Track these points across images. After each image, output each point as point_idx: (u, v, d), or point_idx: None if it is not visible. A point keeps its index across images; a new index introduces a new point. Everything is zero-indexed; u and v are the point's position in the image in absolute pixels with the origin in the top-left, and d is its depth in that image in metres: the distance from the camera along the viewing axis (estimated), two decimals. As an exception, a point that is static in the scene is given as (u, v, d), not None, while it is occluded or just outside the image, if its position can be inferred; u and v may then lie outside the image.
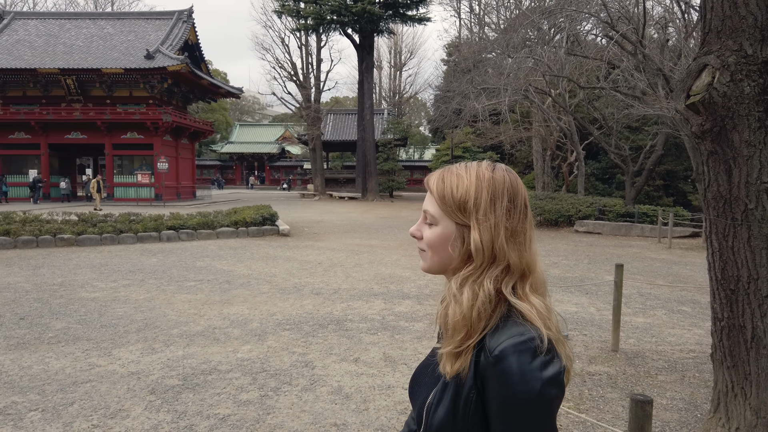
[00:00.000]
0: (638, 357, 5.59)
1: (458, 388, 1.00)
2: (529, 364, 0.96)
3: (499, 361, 0.96)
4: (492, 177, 1.08)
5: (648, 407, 2.15)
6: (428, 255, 1.11)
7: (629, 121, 21.08)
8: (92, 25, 32.79)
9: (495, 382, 0.97)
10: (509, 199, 1.06)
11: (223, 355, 5.39)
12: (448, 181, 1.08)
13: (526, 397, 0.95)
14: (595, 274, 10.43)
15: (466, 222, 1.07)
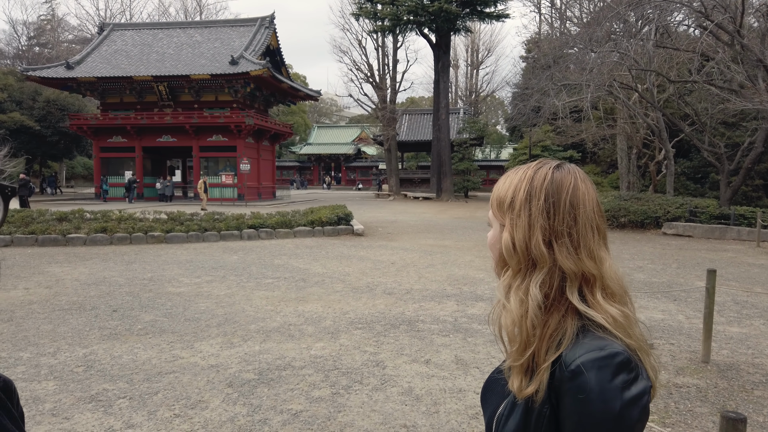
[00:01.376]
0: (732, 369, 5.19)
1: (530, 400, 0.95)
2: (610, 382, 0.89)
3: (575, 376, 0.90)
4: (532, 175, 1.03)
5: (741, 426, 1.96)
6: (493, 256, 1.09)
7: (725, 116, 19.68)
8: (182, 34, 34.65)
9: (570, 399, 0.90)
10: (546, 198, 0.99)
11: (297, 351, 5.51)
12: (500, 182, 1.08)
13: (604, 417, 0.88)
14: (684, 279, 9.80)
15: (502, 221, 1.05)
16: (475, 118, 45.35)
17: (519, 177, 1.04)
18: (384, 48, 42.04)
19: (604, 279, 0.99)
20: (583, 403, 0.89)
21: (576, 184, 1.02)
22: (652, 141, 22.20)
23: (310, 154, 63.10)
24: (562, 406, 0.92)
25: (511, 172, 1.08)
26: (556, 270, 0.98)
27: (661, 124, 19.25)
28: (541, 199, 0.99)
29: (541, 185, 1.00)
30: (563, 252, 0.98)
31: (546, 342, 0.97)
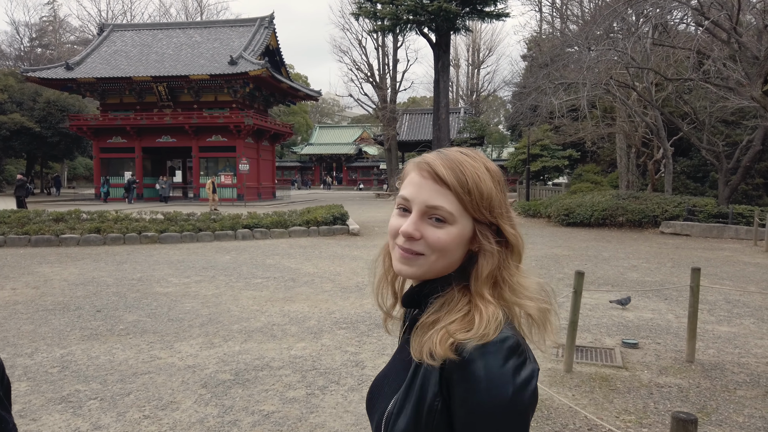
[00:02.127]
0: (716, 369, 5.11)
1: (422, 395, 0.92)
2: (501, 367, 0.87)
3: (466, 364, 0.87)
4: (494, 167, 1.01)
5: (691, 427, 1.90)
6: (430, 259, 0.96)
7: (724, 114, 19.55)
8: (182, 35, 34.67)
9: (462, 387, 0.87)
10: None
11: (277, 351, 5.45)
12: (470, 174, 0.96)
13: (497, 403, 0.86)
14: (678, 278, 9.71)
15: (491, 220, 0.97)
16: (476, 117, 45.30)
17: (485, 167, 0.99)
18: (384, 48, 42.03)
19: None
20: (475, 390, 0.86)
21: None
22: (651, 140, 22.09)
23: (312, 154, 63.11)
24: (453, 397, 0.89)
25: (465, 162, 0.97)
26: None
27: (660, 122, 19.14)
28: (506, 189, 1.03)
29: (501, 176, 1.02)
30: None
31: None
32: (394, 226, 0.99)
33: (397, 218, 0.99)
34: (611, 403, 4.30)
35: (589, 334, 6.21)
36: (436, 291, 0.99)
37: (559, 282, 9.07)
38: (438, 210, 0.95)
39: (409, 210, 0.98)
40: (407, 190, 0.99)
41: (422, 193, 0.96)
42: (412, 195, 0.97)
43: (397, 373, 1.02)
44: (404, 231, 0.95)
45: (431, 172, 0.96)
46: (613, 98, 20.26)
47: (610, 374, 4.93)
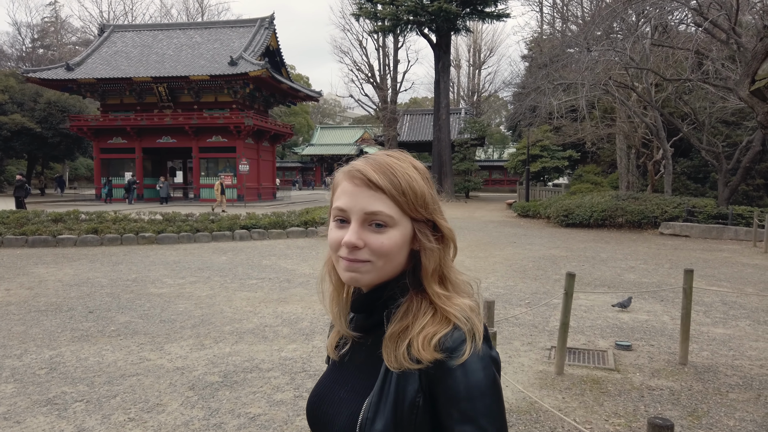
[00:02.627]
0: (709, 371, 5.07)
1: (400, 395, 0.92)
2: (482, 352, 0.93)
3: (466, 362, 0.92)
4: (420, 165, 1.04)
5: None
6: (377, 265, 0.97)
7: (723, 115, 19.48)
8: (182, 35, 34.68)
9: (449, 379, 0.91)
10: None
11: (267, 353, 5.43)
12: (402, 175, 0.98)
13: (487, 383, 0.92)
14: (675, 279, 9.66)
15: (428, 217, 1.00)
16: (477, 118, 45.21)
17: (413, 166, 1.02)
18: (385, 48, 42.00)
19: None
20: (466, 375, 0.90)
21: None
22: (651, 140, 22.03)
23: (313, 154, 63.10)
24: (440, 390, 0.91)
25: (392, 164, 0.99)
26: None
27: (659, 123, 19.07)
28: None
29: (427, 173, 1.05)
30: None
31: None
32: (335, 238, 0.99)
33: (336, 230, 0.99)
34: (601, 406, 4.26)
35: (583, 335, 6.17)
36: (394, 296, 1.00)
37: (555, 283, 9.03)
38: (377, 215, 0.96)
39: (346, 220, 0.98)
40: (342, 200, 0.99)
41: (358, 201, 0.96)
42: (348, 204, 0.97)
43: (352, 378, 1.03)
44: (347, 242, 0.95)
45: (363, 179, 0.97)
46: (612, 99, 20.21)
47: (601, 377, 4.89)
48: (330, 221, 1.03)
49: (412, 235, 0.99)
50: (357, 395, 0.99)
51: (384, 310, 1.01)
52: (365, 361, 1.03)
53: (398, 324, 0.97)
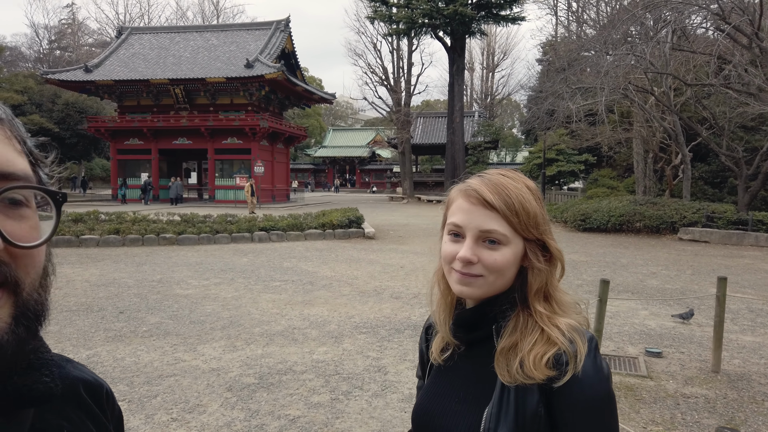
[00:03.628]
0: (743, 380, 5.05)
1: (521, 407, 0.97)
2: (596, 365, 0.97)
3: (586, 382, 0.96)
4: (532, 185, 1.08)
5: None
6: (488, 280, 1.02)
7: (743, 120, 19.32)
8: (198, 38, 34.97)
9: (567, 393, 0.95)
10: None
11: (299, 355, 5.48)
12: (515, 196, 1.03)
13: (605, 397, 0.97)
14: (698, 286, 9.62)
15: (538, 237, 1.04)
16: (490, 121, 45.16)
17: (526, 186, 1.06)
18: (399, 51, 42.06)
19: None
20: (582, 391, 0.95)
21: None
22: (669, 145, 21.89)
23: (325, 156, 63.30)
24: (559, 402, 0.96)
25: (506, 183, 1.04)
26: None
27: (678, 127, 18.97)
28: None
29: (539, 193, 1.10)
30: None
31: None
32: (450, 251, 1.05)
33: (451, 244, 1.05)
34: (638, 413, 4.27)
35: (612, 342, 6.17)
36: (504, 312, 1.05)
37: (578, 289, 9.01)
38: (492, 233, 1.01)
39: (461, 236, 1.04)
40: (457, 216, 1.04)
41: (474, 218, 1.02)
42: (464, 221, 1.03)
43: (462, 390, 1.08)
44: (462, 257, 1.01)
45: (479, 199, 1.02)
46: (630, 103, 20.12)
47: (635, 383, 4.89)
48: (443, 234, 1.09)
49: (522, 254, 1.04)
50: (472, 406, 1.04)
51: (492, 324, 1.06)
52: (475, 372, 1.07)
53: (508, 339, 1.02)
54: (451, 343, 1.12)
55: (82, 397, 0.73)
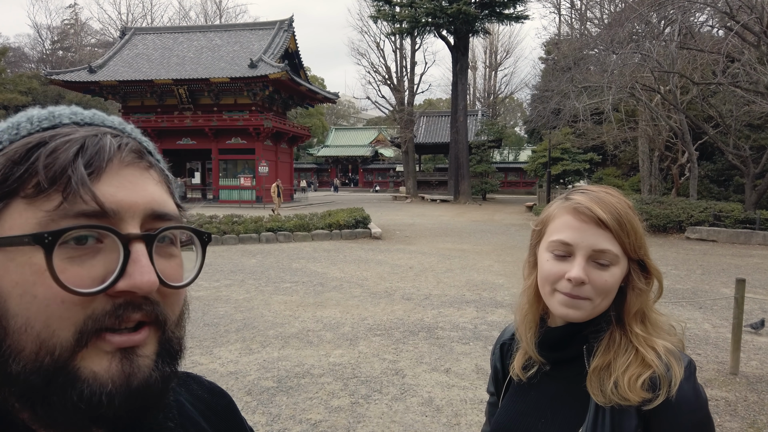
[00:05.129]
0: (762, 382, 5.04)
1: (616, 428, 0.96)
2: (695, 390, 0.98)
3: (681, 402, 0.95)
4: (630, 202, 1.06)
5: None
6: (595, 302, 0.99)
7: (750, 118, 19.28)
8: (202, 38, 34.98)
9: (667, 416, 0.94)
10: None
11: (315, 358, 5.47)
12: (625, 215, 1.01)
13: (706, 421, 0.98)
14: (709, 286, 9.59)
15: (641, 257, 1.02)
16: (494, 120, 45.12)
17: (629, 207, 1.04)
18: (402, 50, 42.07)
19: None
20: (682, 415, 0.94)
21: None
22: (675, 143, 21.85)
23: (328, 156, 63.27)
24: (658, 425, 0.95)
25: (615, 204, 1.01)
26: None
27: (684, 126, 18.92)
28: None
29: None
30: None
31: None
32: (555, 272, 1.00)
33: (555, 263, 1.01)
34: (659, 416, 4.25)
35: (627, 343, 6.15)
36: (597, 333, 1.02)
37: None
38: (605, 254, 0.98)
39: (568, 255, 0.99)
40: (566, 234, 1.00)
41: (586, 237, 0.98)
42: (574, 240, 0.99)
43: (548, 410, 1.06)
44: (576, 277, 0.97)
45: (592, 217, 0.98)
46: (636, 102, 20.08)
47: (654, 386, 4.87)
48: (541, 252, 1.05)
49: (626, 274, 1.01)
50: (559, 427, 1.02)
51: (583, 343, 1.03)
52: (563, 392, 1.05)
53: (601, 359, 1.00)
54: (536, 361, 1.09)
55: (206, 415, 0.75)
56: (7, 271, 0.52)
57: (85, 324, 0.52)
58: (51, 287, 0.50)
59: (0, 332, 0.52)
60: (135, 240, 0.54)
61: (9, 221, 0.53)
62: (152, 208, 0.56)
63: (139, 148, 0.59)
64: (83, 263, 0.52)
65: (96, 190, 0.53)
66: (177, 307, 0.59)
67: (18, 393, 0.52)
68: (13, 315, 0.52)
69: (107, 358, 0.53)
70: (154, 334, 0.56)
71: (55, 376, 0.51)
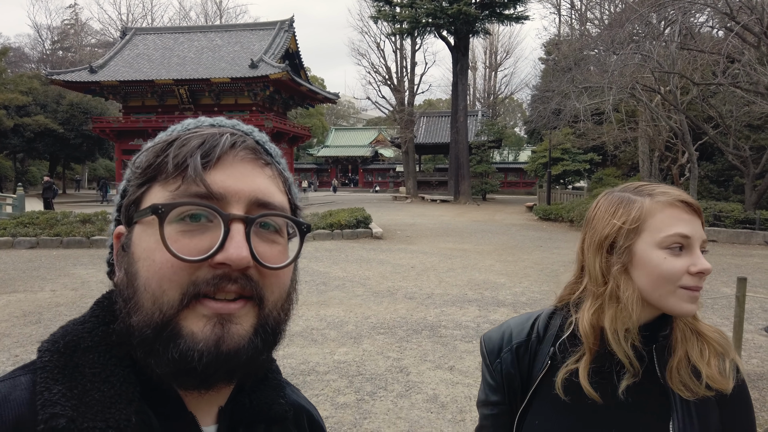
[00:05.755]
0: (763, 379, 5.09)
1: (703, 422, 0.98)
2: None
3: (744, 384, 1.03)
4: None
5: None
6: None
7: (750, 119, 19.31)
8: (203, 38, 35.04)
9: (741, 406, 1.01)
10: None
11: (320, 356, 5.52)
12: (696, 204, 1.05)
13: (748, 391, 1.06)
14: (710, 285, 9.63)
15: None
16: (494, 120, 45.17)
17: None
18: (402, 50, 42.11)
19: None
20: (750, 405, 1.03)
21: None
22: (675, 144, 21.89)
23: (328, 156, 63.32)
24: (732, 415, 1.00)
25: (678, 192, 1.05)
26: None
27: (685, 126, 18.96)
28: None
29: None
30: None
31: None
32: (679, 267, 0.98)
33: (675, 260, 0.98)
34: (662, 412, 4.30)
35: (629, 342, 6.20)
36: (662, 328, 1.05)
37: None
38: (706, 242, 1.02)
39: (686, 248, 0.99)
40: (683, 227, 0.99)
41: (698, 229, 1.00)
42: (692, 232, 0.99)
43: (616, 418, 1.02)
44: (708, 269, 0.97)
45: (697, 209, 1.01)
46: (636, 102, 20.13)
47: (656, 383, 4.92)
48: (649, 251, 1.00)
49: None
50: (641, 429, 1.01)
51: (652, 343, 1.03)
52: (635, 397, 1.01)
53: (679, 353, 1.01)
54: (628, 369, 1.01)
55: (302, 420, 0.82)
56: (141, 240, 0.63)
57: (188, 288, 0.60)
58: (165, 253, 0.60)
59: (131, 290, 0.62)
60: (235, 220, 0.62)
61: (148, 200, 0.65)
62: (256, 197, 0.65)
63: (255, 147, 0.69)
64: (193, 237, 0.61)
65: (208, 176, 0.63)
66: (277, 288, 0.66)
67: (137, 342, 0.61)
68: (140, 276, 0.62)
69: (204, 321, 0.60)
70: (252, 309, 0.63)
71: (162, 330, 0.60)
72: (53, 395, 0.58)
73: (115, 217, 0.72)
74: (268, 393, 0.73)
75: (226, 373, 0.62)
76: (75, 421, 0.56)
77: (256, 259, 0.62)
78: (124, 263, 0.64)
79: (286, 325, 0.69)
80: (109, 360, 0.62)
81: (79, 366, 0.61)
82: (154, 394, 0.63)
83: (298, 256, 0.69)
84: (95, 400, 0.59)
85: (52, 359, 0.62)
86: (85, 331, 0.65)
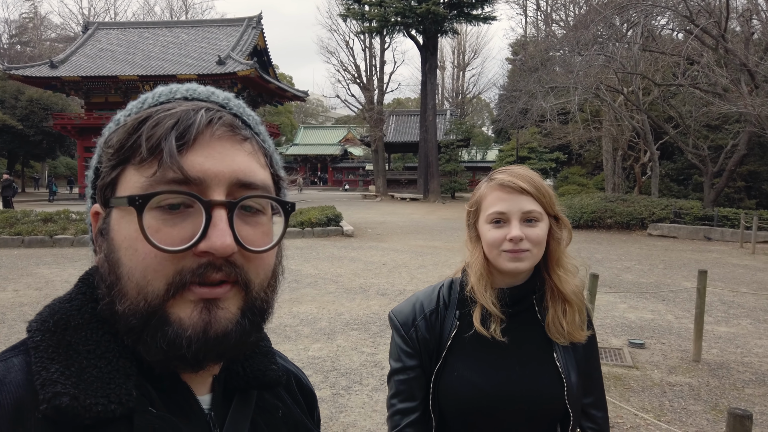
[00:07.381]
0: (722, 368, 5.31)
1: (576, 359, 1.31)
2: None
3: (594, 335, 1.39)
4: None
5: (747, 422, 2.03)
6: (533, 252, 1.24)
7: (708, 119, 20.00)
8: (168, 34, 34.37)
9: (593, 345, 1.39)
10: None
11: (294, 352, 5.52)
12: (538, 182, 1.27)
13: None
14: (671, 279, 9.97)
15: (555, 213, 1.28)
16: (462, 119, 45.60)
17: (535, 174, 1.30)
18: (371, 49, 42.09)
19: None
20: (597, 351, 1.43)
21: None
22: (637, 143, 22.52)
23: (297, 154, 62.91)
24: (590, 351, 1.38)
25: (528, 173, 1.27)
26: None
27: (647, 126, 19.53)
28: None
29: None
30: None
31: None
32: (497, 237, 1.24)
33: (495, 231, 1.25)
34: (628, 401, 4.45)
35: (596, 334, 6.37)
36: (542, 286, 1.30)
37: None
38: (532, 213, 1.24)
39: (503, 221, 1.23)
40: (499, 205, 1.25)
41: (515, 204, 1.23)
42: (507, 208, 1.24)
43: (519, 354, 1.29)
44: (515, 236, 1.24)
45: (516, 187, 1.23)
46: (601, 102, 20.62)
47: (622, 373, 5.09)
48: (481, 225, 1.29)
49: (549, 229, 1.26)
50: (540, 364, 1.28)
51: (532, 295, 1.31)
52: (526, 337, 1.30)
53: (551, 312, 1.28)
54: (495, 316, 1.27)
55: (291, 384, 0.84)
56: (119, 227, 0.61)
57: (174, 278, 0.59)
58: (147, 244, 0.58)
59: (113, 278, 0.61)
60: (217, 206, 0.59)
61: (123, 184, 0.62)
62: (237, 177, 0.62)
63: (233, 122, 0.65)
64: (175, 225, 0.59)
65: (185, 159, 0.59)
66: (262, 270, 0.64)
67: (123, 331, 0.61)
68: (123, 264, 0.60)
69: (191, 307, 0.60)
70: (238, 293, 0.62)
71: (149, 319, 0.59)
72: (51, 374, 0.56)
73: (91, 195, 0.69)
74: (261, 360, 0.74)
75: (216, 356, 0.62)
76: (77, 399, 0.55)
77: (241, 243, 0.60)
78: (105, 248, 0.62)
79: (274, 302, 0.68)
80: (102, 336, 0.61)
81: (73, 344, 0.60)
82: (147, 367, 0.62)
83: (283, 236, 0.67)
84: (94, 376, 0.58)
85: (44, 338, 0.60)
86: (74, 308, 0.63)
